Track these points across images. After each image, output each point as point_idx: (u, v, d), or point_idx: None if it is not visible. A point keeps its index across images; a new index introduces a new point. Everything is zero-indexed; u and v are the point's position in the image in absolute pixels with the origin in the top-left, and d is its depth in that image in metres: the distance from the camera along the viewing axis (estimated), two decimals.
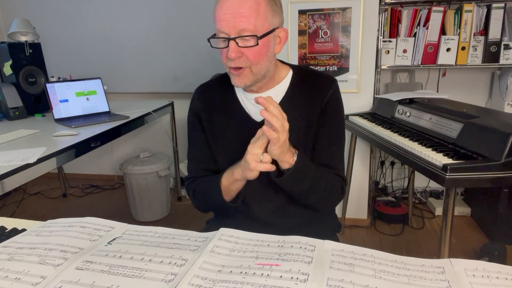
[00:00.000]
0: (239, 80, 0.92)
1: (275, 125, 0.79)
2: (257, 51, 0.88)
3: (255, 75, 0.91)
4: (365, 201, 2.51)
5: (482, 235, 2.32)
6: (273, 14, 0.89)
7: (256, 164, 0.85)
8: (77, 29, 3.15)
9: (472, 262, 0.62)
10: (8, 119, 2.23)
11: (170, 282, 0.58)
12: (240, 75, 0.91)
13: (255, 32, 0.86)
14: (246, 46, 0.87)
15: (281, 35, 0.94)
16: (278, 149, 0.84)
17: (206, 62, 2.92)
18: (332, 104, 1.00)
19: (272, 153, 0.85)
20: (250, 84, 0.93)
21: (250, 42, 0.86)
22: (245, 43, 0.87)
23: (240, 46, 0.86)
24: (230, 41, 0.86)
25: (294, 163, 0.89)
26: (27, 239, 0.75)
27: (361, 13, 2.17)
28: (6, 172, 1.27)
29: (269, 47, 0.91)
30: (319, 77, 1.03)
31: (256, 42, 0.86)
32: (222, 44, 0.89)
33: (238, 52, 0.87)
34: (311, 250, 0.66)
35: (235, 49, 0.86)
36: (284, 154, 0.86)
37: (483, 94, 2.57)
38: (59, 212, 2.93)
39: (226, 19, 0.85)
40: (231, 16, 0.84)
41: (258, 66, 0.90)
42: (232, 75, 0.93)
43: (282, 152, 0.85)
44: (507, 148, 1.27)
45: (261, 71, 0.92)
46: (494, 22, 2.15)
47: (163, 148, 3.20)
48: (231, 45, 0.86)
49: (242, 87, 0.94)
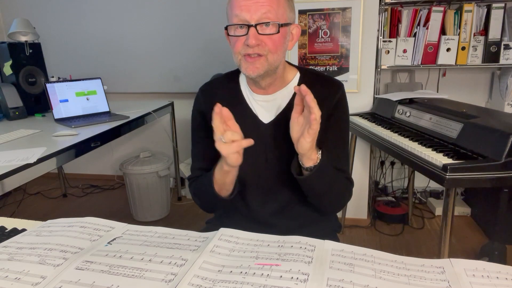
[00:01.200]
0: (254, 67, 0.89)
1: (317, 112, 0.78)
2: (277, 40, 0.87)
3: (270, 64, 0.90)
4: (365, 201, 2.51)
5: (482, 235, 2.32)
6: (290, 9, 0.90)
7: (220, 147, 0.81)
8: (77, 29, 3.15)
9: (472, 262, 0.62)
10: (8, 119, 2.23)
11: (170, 282, 0.58)
12: (255, 62, 0.88)
13: (277, 19, 0.86)
14: (266, 34, 0.86)
15: (294, 32, 0.94)
16: (312, 142, 0.83)
17: (206, 62, 2.92)
18: (340, 109, 1.00)
19: (305, 146, 0.83)
20: (263, 73, 0.91)
21: (271, 29, 0.86)
22: (265, 30, 0.86)
23: (260, 33, 0.86)
24: (251, 28, 0.85)
25: (319, 161, 0.88)
26: (27, 239, 0.75)
27: (361, 13, 2.17)
28: (6, 172, 1.27)
29: (285, 40, 0.91)
30: (327, 81, 1.02)
31: (278, 30, 0.86)
32: (240, 32, 0.87)
33: (258, 39, 0.86)
34: (311, 250, 0.66)
35: (256, 36, 0.85)
36: (313, 149, 0.86)
37: (483, 94, 2.57)
38: (59, 212, 2.93)
39: (247, 5, 0.84)
40: (252, 2, 0.84)
41: (274, 56, 0.89)
42: (245, 63, 0.90)
43: (312, 146, 0.84)
44: (507, 148, 1.27)
45: (276, 62, 0.91)
46: (494, 22, 2.15)
47: (163, 148, 3.20)
48: (251, 32, 0.85)
49: (255, 76, 0.91)
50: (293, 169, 0.91)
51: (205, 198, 1.05)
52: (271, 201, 1.04)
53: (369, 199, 2.52)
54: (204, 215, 1.15)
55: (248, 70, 0.90)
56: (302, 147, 0.84)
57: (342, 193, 1.01)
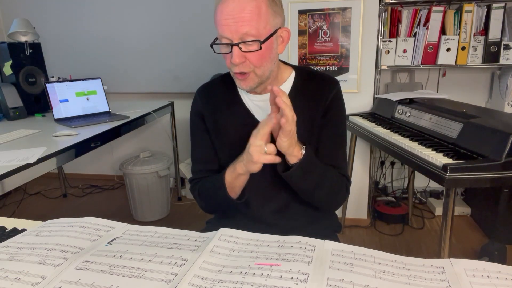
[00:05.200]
0: (245, 83, 0.92)
1: (288, 114, 0.80)
2: (260, 55, 0.88)
3: (259, 77, 0.91)
4: (365, 201, 2.51)
5: (482, 235, 2.32)
6: (274, 16, 0.89)
7: (260, 156, 0.84)
8: (77, 29, 3.15)
9: (472, 262, 0.62)
10: (8, 119, 2.23)
11: (170, 282, 0.58)
12: (245, 79, 0.91)
13: (258, 36, 0.85)
14: (249, 51, 0.86)
15: (283, 35, 0.94)
16: (288, 140, 0.84)
17: (206, 62, 2.92)
18: (335, 106, 1.00)
19: (282, 145, 0.85)
20: (256, 86, 0.93)
21: (253, 46, 0.86)
22: (248, 47, 0.86)
23: (243, 51, 0.86)
24: (233, 47, 0.86)
25: (302, 157, 0.89)
26: (27, 239, 0.75)
27: (361, 13, 2.17)
28: (6, 172, 1.27)
29: (272, 49, 0.91)
30: (322, 78, 1.03)
31: (260, 47, 0.86)
32: (225, 50, 0.89)
33: (241, 57, 0.87)
34: (311, 250, 0.66)
35: (239, 54, 0.86)
36: (293, 147, 0.87)
37: (483, 94, 2.57)
38: (59, 212, 2.93)
39: (227, 24, 0.84)
40: (232, 21, 0.84)
41: (262, 69, 0.90)
42: (237, 79, 0.93)
43: (291, 144, 0.86)
44: (507, 148, 1.27)
45: (265, 73, 0.92)
46: (494, 22, 2.15)
47: (163, 148, 3.20)
48: (235, 51, 0.86)
49: (248, 89, 0.94)
50: (279, 167, 0.91)
51: (211, 199, 1.05)
52: (271, 201, 1.04)
53: (369, 199, 2.52)
54: (204, 215, 1.15)
55: (241, 86, 0.93)
56: (280, 145, 0.86)
57: (335, 190, 1.00)
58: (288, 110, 0.80)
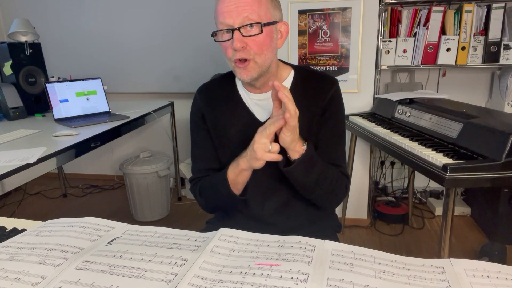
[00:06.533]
0: (246, 73, 0.91)
1: (291, 108, 0.80)
2: (261, 41, 0.88)
3: (260, 66, 0.91)
4: (365, 201, 2.51)
5: (482, 235, 2.32)
6: (274, 8, 0.91)
7: (263, 153, 0.85)
8: (77, 29, 3.15)
9: (472, 262, 0.62)
10: (8, 119, 2.23)
11: (170, 282, 0.58)
12: (246, 68, 0.91)
13: (259, 19, 0.87)
14: (250, 35, 0.87)
15: (282, 30, 0.95)
16: (291, 135, 0.85)
17: (206, 62, 2.92)
18: (334, 104, 1.01)
19: (285, 140, 0.86)
20: (256, 77, 0.93)
21: (255, 30, 0.87)
22: (250, 32, 0.87)
23: (244, 36, 0.87)
24: (235, 32, 0.87)
25: (304, 152, 0.90)
26: (27, 239, 0.75)
27: (361, 13, 2.17)
28: (6, 172, 1.27)
29: (272, 39, 0.92)
30: (321, 77, 1.03)
31: (261, 30, 0.87)
32: (226, 36, 0.89)
33: (242, 42, 0.87)
34: (311, 250, 0.66)
35: (240, 39, 0.87)
36: (296, 142, 0.88)
37: (483, 94, 2.57)
38: (59, 212, 2.93)
39: (229, 10, 0.86)
40: (234, 7, 0.86)
41: (262, 57, 0.90)
42: (237, 69, 0.92)
43: (293, 139, 0.87)
44: (507, 148, 1.27)
45: (266, 62, 0.92)
46: (494, 22, 2.15)
47: (163, 148, 3.20)
48: (236, 35, 0.87)
49: (248, 80, 0.93)
50: (280, 162, 0.92)
51: (213, 197, 1.05)
52: (271, 200, 1.04)
53: (369, 199, 2.52)
54: (204, 215, 1.15)
55: (242, 75, 0.92)
56: (283, 141, 0.87)
57: (335, 188, 1.00)
58: (290, 104, 0.80)
